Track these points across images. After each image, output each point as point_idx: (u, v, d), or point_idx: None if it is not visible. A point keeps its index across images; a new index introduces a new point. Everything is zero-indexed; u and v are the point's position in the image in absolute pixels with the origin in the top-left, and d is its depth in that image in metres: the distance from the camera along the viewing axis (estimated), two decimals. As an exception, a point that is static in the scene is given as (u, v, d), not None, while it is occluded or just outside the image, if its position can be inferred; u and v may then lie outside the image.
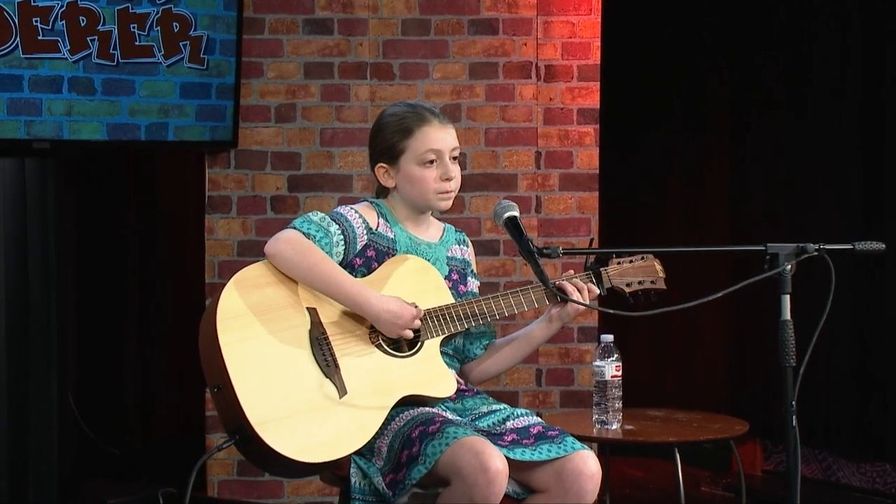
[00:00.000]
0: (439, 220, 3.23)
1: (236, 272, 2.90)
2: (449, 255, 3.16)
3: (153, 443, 5.73)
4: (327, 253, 2.93)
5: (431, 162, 3.04)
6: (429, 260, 3.08)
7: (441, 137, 3.06)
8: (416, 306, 2.94)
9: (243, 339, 2.83)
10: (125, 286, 5.79)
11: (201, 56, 4.89)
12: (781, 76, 5.53)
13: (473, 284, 3.21)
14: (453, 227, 3.24)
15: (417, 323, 2.94)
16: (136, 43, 4.74)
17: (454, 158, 3.08)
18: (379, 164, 3.09)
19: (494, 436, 2.91)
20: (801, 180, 5.48)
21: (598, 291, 3.11)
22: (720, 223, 5.73)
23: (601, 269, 3.13)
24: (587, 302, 3.07)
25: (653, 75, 5.83)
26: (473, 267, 3.24)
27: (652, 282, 3.18)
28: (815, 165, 5.42)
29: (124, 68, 4.72)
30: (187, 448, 5.34)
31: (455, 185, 3.07)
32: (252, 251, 5.06)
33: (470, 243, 3.26)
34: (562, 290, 3.05)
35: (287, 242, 2.90)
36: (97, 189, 5.68)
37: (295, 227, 2.94)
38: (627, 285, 3.16)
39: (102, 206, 5.71)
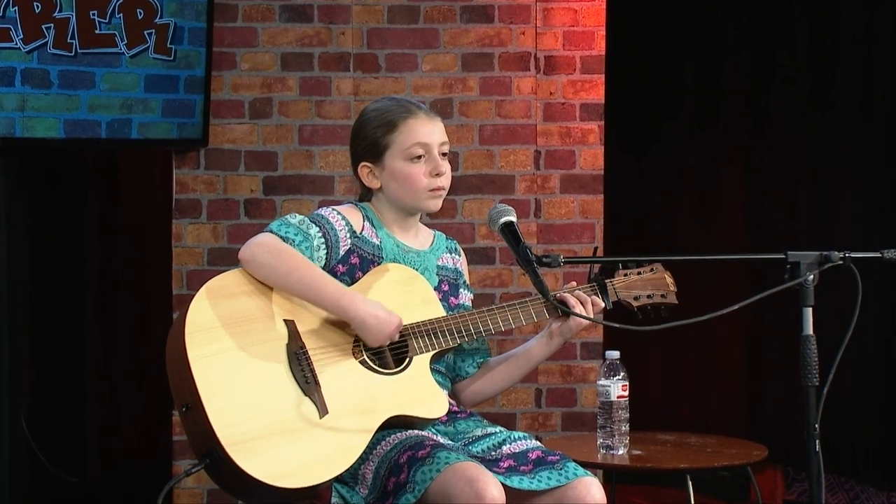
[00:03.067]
0: (429, 226, 3.24)
1: (207, 282, 2.91)
2: (439, 263, 3.17)
3: (114, 470, 5.72)
4: (307, 258, 2.94)
5: (419, 157, 3.06)
6: (417, 269, 3.09)
7: (428, 130, 3.08)
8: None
9: (214, 353, 2.83)
10: (84, 297, 5.79)
11: (168, 46, 4.90)
12: (804, 67, 5.55)
13: (466, 297, 3.22)
14: (444, 235, 3.25)
15: (395, 336, 2.95)
16: (97, 31, 4.74)
17: (443, 154, 3.09)
18: (362, 164, 3.10)
19: (489, 462, 2.91)
20: (824, 181, 5.50)
21: (603, 305, 3.12)
22: (736, 229, 5.74)
23: (607, 280, 3.14)
24: (591, 316, 3.08)
25: (662, 67, 5.84)
26: (466, 278, 3.25)
27: (662, 295, 3.19)
28: (841, 165, 5.44)
29: (83, 59, 4.73)
30: (152, 475, 5.34)
31: (446, 181, 3.09)
32: (224, 259, 5.07)
33: (462, 252, 3.27)
34: (563, 303, 3.06)
35: (262, 246, 2.91)
36: (53, 192, 5.68)
37: (271, 231, 2.95)
38: (635, 299, 3.17)
39: (59, 212, 5.70)
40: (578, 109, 5.21)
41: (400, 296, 3.03)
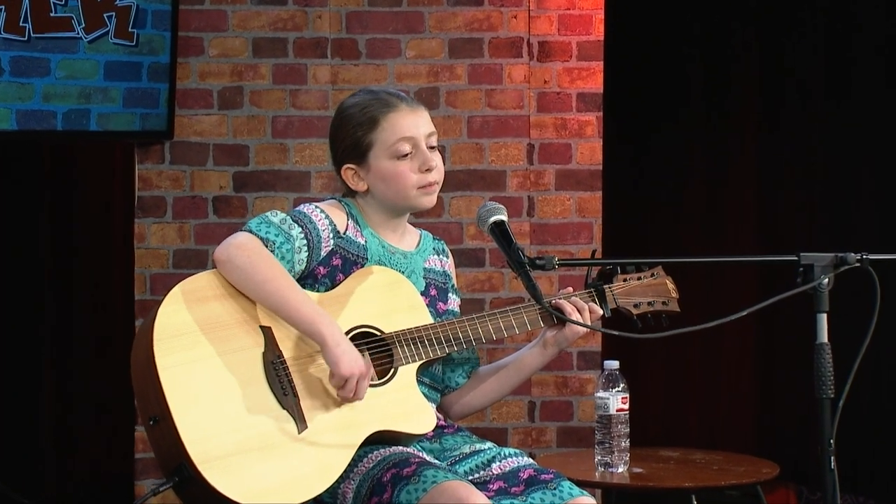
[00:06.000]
0: (414, 225, 3.25)
1: (172, 287, 2.91)
2: (426, 266, 3.19)
3: (72, 491, 5.73)
4: (288, 261, 2.95)
5: (406, 155, 3.07)
6: (403, 272, 3.11)
7: (412, 123, 3.09)
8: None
9: (185, 362, 2.84)
10: (39, 303, 5.79)
11: (130, 30, 4.90)
12: (820, 55, 5.57)
13: (454, 302, 3.24)
14: (430, 235, 3.27)
15: (363, 388, 2.90)
16: (52, 14, 4.74)
17: (432, 147, 3.11)
18: (346, 166, 3.12)
19: (478, 485, 2.92)
20: (841, 179, 5.52)
21: (601, 312, 3.15)
22: (746, 228, 5.76)
23: (605, 286, 3.17)
24: (587, 319, 3.10)
25: (666, 53, 5.86)
26: (454, 281, 3.27)
27: (663, 303, 3.22)
28: (859, 161, 5.46)
29: (37, 44, 4.73)
30: (112, 496, 5.34)
31: (437, 175, 3.11)
32: (190, 262, 5.07)
33: (450, 253, 3.29)
34: (559, 310, 3.08)
35: (240, 248, 2.92)
36: (4, 189, 5.68)
37: (251, 231, 2.96)
38: (635, 306, 3.19)
39: (11, 211, 5.70)
40: (575, 99, 5.23)
41: (385, 300, 3.05)
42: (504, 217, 3.03)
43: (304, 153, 5.17)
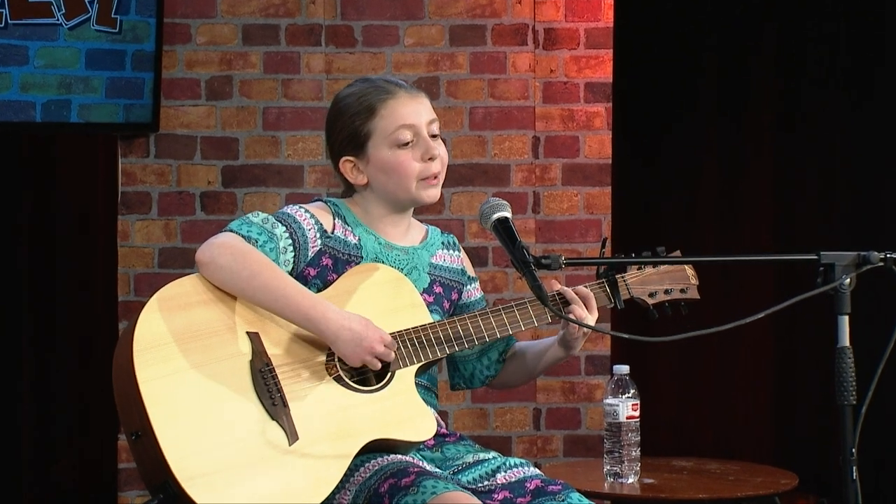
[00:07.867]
0: (420, 221, 3.26)
1: (158, 288, 2.91)
2: (433, 261, 3.18)
3: (53, 501, 5.73)
4: (273, 261, 2.95)
5: (407, 143, 3.07)
6: (404, 268, 3.11)
7: (413, 110, 3.10)
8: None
9: (167, 374, 2.83)
10: (17, 305, 5.78)
11: (113, 16, 4.90)
12: (842, 46, 5.56)
13: (475, 292, 3.26)
14: (439, 230, 3.27)
15: (385, 350, 2.95)
16: (31, -1, 4.75)
17: (434, 136, 3.11)
18: (344, 158, 3.12)
19: (482, 494, 2.93)
20: (863, 175, 5.51)
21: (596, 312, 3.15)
22: (763, 226, 5.76)
23: (618, 276, 3.16)
24: (594, 311, 3.09)
25: (679, 41, 5.85)
26: (471, 273, 3.27)
27: (682, 290, 3.20)
28: (881, 157, 5.45)
29: (14, 31, 4.72)
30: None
31: (441, 165, 3.11)
32: (177, 261, 5.07)
33: (461, 247, 3.29)
34: (562, 296, 3.08)
35: (222, 247, 2.92)
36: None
37: (232, 230, 2.96)
38: (651, 295, 3.19)
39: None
40: (583, 89, 5.23)
41: (384, 300, 3.04)
42: (508, 214, 3.03)
43: (297, 146, 5.17)
